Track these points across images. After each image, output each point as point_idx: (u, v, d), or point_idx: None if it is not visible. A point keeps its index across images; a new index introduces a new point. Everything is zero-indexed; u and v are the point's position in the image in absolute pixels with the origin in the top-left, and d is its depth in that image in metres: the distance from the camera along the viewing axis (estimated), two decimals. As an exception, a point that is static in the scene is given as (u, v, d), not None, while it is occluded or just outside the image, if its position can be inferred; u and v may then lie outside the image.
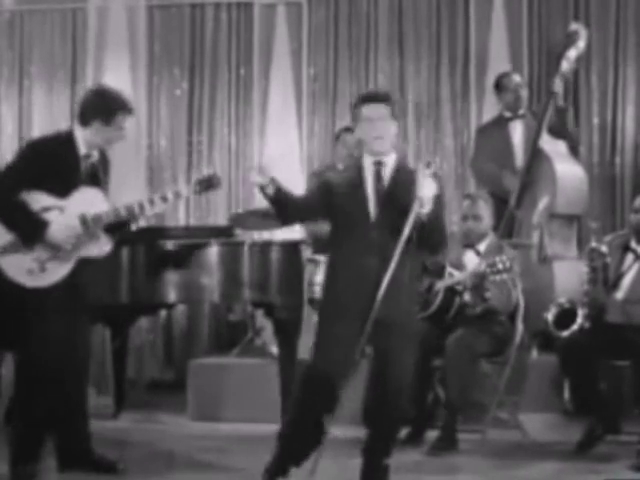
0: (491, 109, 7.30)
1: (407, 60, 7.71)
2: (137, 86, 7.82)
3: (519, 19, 7.52)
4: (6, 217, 4.46)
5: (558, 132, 6.57)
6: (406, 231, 3.99)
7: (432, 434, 5.32)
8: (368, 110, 4.16)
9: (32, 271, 4.47)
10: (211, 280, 5.86)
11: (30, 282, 4.47)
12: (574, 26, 6.55)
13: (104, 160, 4.75)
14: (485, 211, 5.63)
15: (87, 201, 4.54)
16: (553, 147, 6.53)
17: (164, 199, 4.58)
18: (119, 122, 4.59)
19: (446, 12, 7.65)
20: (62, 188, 4.49)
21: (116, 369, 6.07)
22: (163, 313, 7.58)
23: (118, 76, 7.71)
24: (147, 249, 5.84)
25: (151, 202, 4.56)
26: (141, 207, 4.54)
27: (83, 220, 4.49)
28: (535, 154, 6.47)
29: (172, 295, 5.91)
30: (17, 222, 4.45)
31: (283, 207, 4.20)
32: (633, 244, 5.32)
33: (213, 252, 5.88)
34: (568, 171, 6.52)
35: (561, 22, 7.46)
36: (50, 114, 7.92)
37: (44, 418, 4.55)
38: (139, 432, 5.78)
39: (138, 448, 5.33)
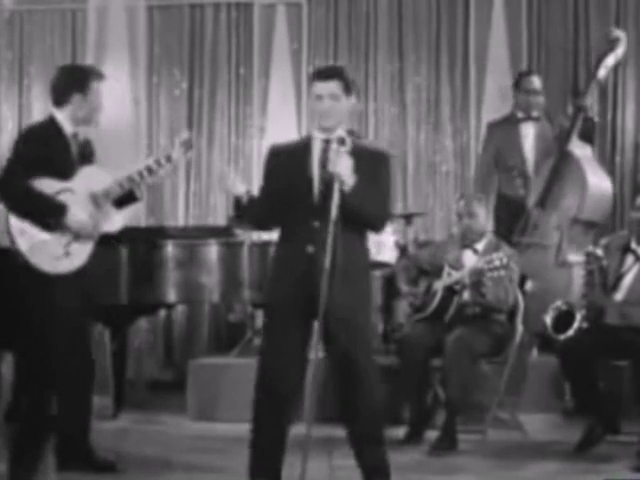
0: (491, 109, 7.31)
1: (407, 60, 7.72)
2: (137, 86, 7.82)
3: (519, 19, 7.53)
4: (25, 207, 4.47)
5: (584, 137, 6.51)
6: (333, 213, 3.83)
7: (432, 434, 5.32)
8: (318, 87, 4.04)
9: (58, 257, 4.48)
10: (211, 280, 5.88)
11: (56, 268, 4.47)
12: (615, 33, 6.44)
13: (88, 145, 4.77)
14: (480, 209, 5.63)
15: (91, 179, 4.59)
16: (582, 151, 6.44)
17: (158, 162, 4.64)
18: (95, 89, 4.61)
19: (446, 12, 7.66)
20: (60, 170, 4.52)
21: (116, 369, 6.06)
22: (163, 313, 7.58)
23: (118, 76, 7.72)
24: (147, 249, 5.85)
25: (148, 169, 4.62)
26: (140, 175, 4.61)
27: (94, 198, 4.54)
28: (564, 156, 6.39)
29: (172, 295, 5.92)
30: (37, 209, 4.47)
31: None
32: (633, 245, 5.31)
33: (213, 252, 5.89)
34: (598, 178, 6.43)
35: (561, 22, 7.48)
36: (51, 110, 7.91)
37: (44, 417, 4.55)
38: (138, 432, 5.78)
39: (138, 448, 5.33)
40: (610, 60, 6.40)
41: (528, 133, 6.71)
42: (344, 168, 3.88)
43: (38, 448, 4.54)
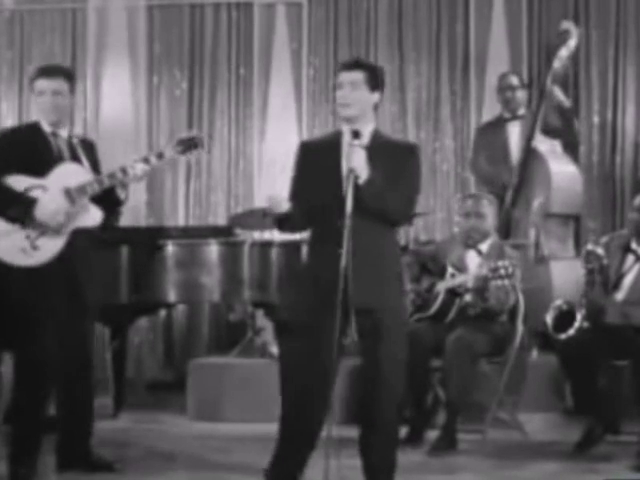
0: (491, 109, 7.31)
1: (407, 60, 7.71)
2: (137, 86, 7.82)
3: (519, 19, 7.52)
4: None
5: (555, 131, 6.59)
6: (348, 208, 3.82)
7: (432, 434, 5.32)
8: (340, 77, 4.03)
9: (25, 250, 4.44)
10: (211, 280, 5.88)
11: (24, 261, 4.44)
12: (565, 25, 6.61)
13: (87, 144, 4.77)
14: (489, 210, 5.63)
15: (68, 175, 4.53)
16: (548, 147, 6.56)
17: (146, 161, 4.57)
18: (37, 87, 4.59)
19: (446, 12, 7.66)
20: (39, 169, 4.50)
21: (116, 369, 6.07)
22: (163, 313, 7.58)
23: (118, 76, 7.72)
24: (147, 249, 5.85)
25: (132, 166, 4.53)
26: (124, 171, 4.52)
27: (67, 193, 4.48)
28: (529, 154, 6.49)
29: (172, 295, 5.92)
30: (4, 205, 4.44)
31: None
32: (634, 245, 5.31)
33: (213, 252, 5.89)
34: (562, 171, 6.55)
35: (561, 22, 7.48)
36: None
37: (43, 417, 4.55)
38: (139, 432, 5.78)
39: (138, 448, 5.33)
40: (563, 52, 6.55)
41: (513, 132, 6.78)
42: (357, 161, 3.87)
43: (37, 448, 4.54)
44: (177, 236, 6.11)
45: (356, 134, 3.94)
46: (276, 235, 6.72)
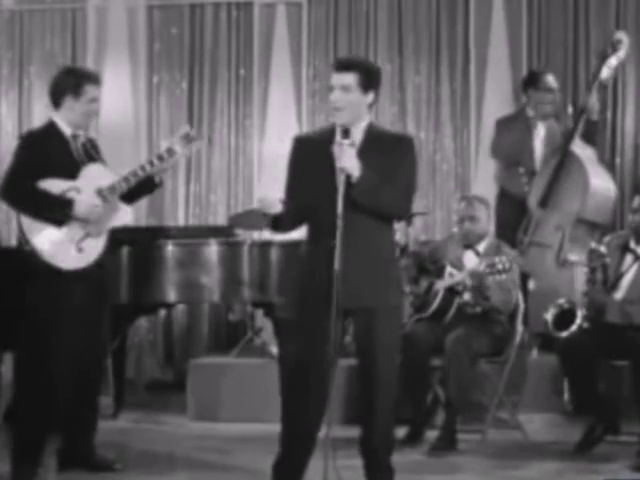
0: (491, 109, 7.31)
1: (407, 60, 7.71)
2: (137, 86, 7.82)
3: (519, 19, 7.52)
4: (33, 207, 4.53)
5: (586, 138, 6.50)
6: (339, 207, 3.81)
7: (432, 434, 5.32)
8: (332, 79, 3.98)
9: (71, 253, 4.54)
10: (211, 280, 5.88)
11: (72, 264, 4.54)
12: (618, 34, 6.45)
13: (93, 144, 4.83)
14: (482, 212, 5.63)
15: (96, 176, 4.66)
16: (584, 152, 6.43)
17: (160, 158, 4.73)
18: (88, 93, 4.64)
19: (446, 12, 7.66)
20: (63, 172, 4.59)
21: (115, 369, 6.06)
22: (163, 313, 7.58)
23: (118, 76, 7.71)
24: (147, 249, 5.85)
25: (150, 163, 4.72)
26: (143, 169, 4.70)
27: (100, 193, 4.61)
28: (566, 156, 6.35)
29: (172, 295, 5.92)
30: (45, 208, 4.53)
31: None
32: (632, 244, 5.32)
33: (213, 252, 5.89)
34: (601, 179, 6.41)
35: (561, 22, 7.48)
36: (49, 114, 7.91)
37: (45, 417, 4.55)
38: (139, 432, 5.78)
39: (138, 448, 5.33)
40: (613, 61, 6.40)
41: (539, 131, 6.70)
42: (347, 161, 3.86)
43: (39, 448, 4.54)
44: (177, 236, 6.11)
45: (346, 133, 3.92)
46: (276, 235, 6.73)
